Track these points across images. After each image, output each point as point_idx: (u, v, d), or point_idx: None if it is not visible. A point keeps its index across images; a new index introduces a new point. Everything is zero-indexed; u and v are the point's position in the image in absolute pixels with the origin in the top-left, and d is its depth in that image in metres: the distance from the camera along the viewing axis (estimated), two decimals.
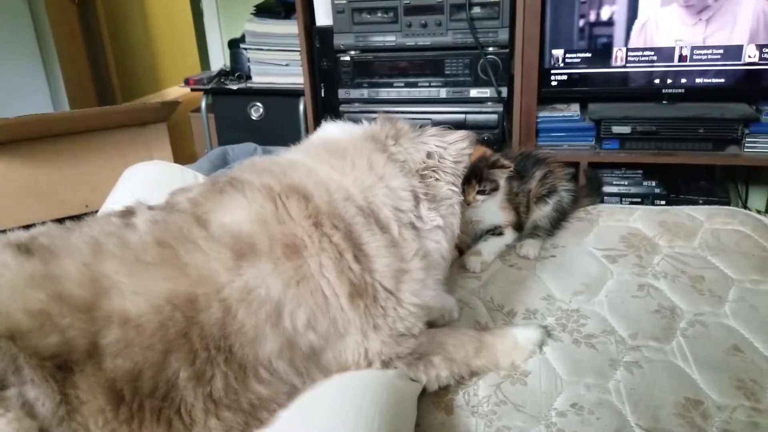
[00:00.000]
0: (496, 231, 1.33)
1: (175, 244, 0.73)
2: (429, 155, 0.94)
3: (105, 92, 3.95)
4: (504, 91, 2.11)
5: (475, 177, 1.24)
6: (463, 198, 0.99)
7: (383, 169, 0.89)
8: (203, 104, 2.63)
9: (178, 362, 0.67)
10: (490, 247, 1.30)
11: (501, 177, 1.28)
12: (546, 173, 1.39)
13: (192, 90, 2.61)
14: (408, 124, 0.98)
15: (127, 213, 0.80)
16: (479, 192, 1.25)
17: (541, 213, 1.37)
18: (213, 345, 0.69)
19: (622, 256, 1.25)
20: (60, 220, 0.82)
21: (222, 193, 0.81)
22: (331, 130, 1.02)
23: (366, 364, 0.82)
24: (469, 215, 1.30)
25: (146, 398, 0.65)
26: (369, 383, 0.78)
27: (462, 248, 1.32)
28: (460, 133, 0.98)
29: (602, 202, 1.60)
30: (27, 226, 0.79)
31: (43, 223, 0.80)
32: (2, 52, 3.00)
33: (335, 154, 0.90)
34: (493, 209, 1.31)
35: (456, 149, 0.96)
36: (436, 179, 0.94)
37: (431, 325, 0.99)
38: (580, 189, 1.56)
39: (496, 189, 1.28)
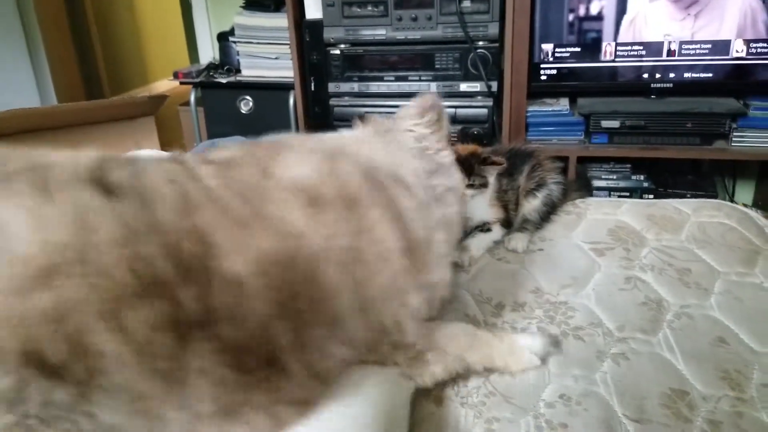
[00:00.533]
0: (484, 227, 1.33)
1: (253, 197, 0.67)
2: (416, 138, 0.99)
3: (93, 86, 3.91)
4: (494, 85, 2.12)
5: (465, 171, 1.24)
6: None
7: (395, 151, 0.93)
8: (192, 98, 2.61)
9: (281, 328, 0.62)
10: (478, 243, 1.31)
11: (491, 174, 1.29)
12: (534, 166, 1.39)
13: (181, 83, 2.59)
14: (383, 118, 1.05)
15: (179, 160, 0.71)
16: (468, 186, 1.26)
17: (531, 206, 1.37)
18: (305, 306, 0.65)
19: (610, 249, 1.26)
20: None
21: (278, 152, 0.77)
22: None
23: (411, 325, 0.80)
24: None
25: (256, 369, 0.61)
26: (361, 386, 0.77)
27: None
28: (418, 106, 1.02)
29: (591, 195, 1.61)
30: None
31: None
32: None
33: (354, 140, 0.94)
34: (482, 206, 1.32)
35: (427, 121, 1.02)
36: (431, 153, 0.99)
37: None
38: (570, 183, 1.57)
39: (485, 185, 1.28)
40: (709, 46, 2.01)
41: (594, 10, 2.05)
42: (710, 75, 2.04)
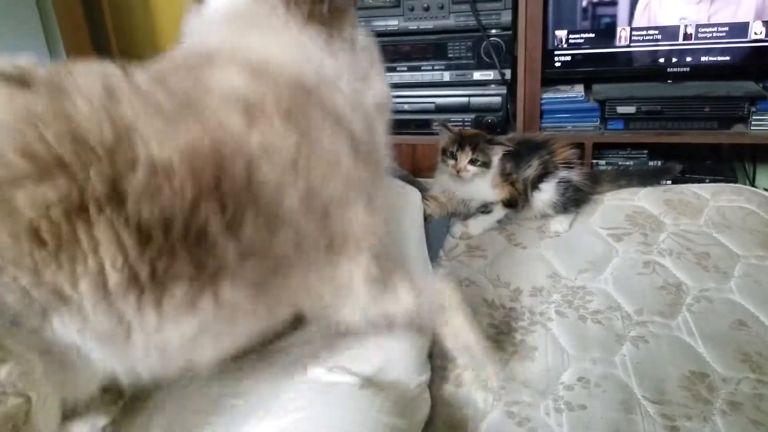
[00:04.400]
0: (486, 209, 1.35)
1: (187, 100, 0.68)
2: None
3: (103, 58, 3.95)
4: (507, 73, 2.10)
5: (470, 145, 1.26)
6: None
7: (304, 42, 0.81)
8: None
9: (209, 210, 0.63)
10: (476, 223, 1.34)
11: (496, 154, 1.30)
12: (544, 155, 1.37)
13: None
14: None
15: (122, 65, 0.71)
16: (471, 161, 1.27)
17: (544, 197, 1.35)
18: (243, 197, 0.66)
19: (627, 235, 1.26)
20: None
21: (211, 62, 0.75)
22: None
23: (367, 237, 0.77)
24: (459, 194, 1.34)
25: (179, 241, 0.62)
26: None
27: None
28: None
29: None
30: None
31: None
32: (10, 45, 3.02)
33: (248, 25, 0.82)
34: (484, 187, 1.33)
35: None
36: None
37: None
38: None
39: (487, 165, 1.29)
40: (727, 28, 1.97)
41: None
42: (728, 58, 2.00)
